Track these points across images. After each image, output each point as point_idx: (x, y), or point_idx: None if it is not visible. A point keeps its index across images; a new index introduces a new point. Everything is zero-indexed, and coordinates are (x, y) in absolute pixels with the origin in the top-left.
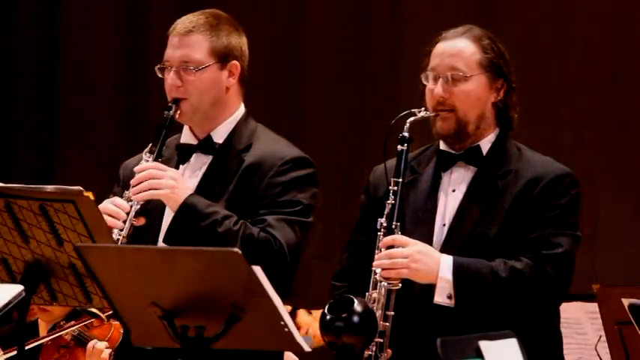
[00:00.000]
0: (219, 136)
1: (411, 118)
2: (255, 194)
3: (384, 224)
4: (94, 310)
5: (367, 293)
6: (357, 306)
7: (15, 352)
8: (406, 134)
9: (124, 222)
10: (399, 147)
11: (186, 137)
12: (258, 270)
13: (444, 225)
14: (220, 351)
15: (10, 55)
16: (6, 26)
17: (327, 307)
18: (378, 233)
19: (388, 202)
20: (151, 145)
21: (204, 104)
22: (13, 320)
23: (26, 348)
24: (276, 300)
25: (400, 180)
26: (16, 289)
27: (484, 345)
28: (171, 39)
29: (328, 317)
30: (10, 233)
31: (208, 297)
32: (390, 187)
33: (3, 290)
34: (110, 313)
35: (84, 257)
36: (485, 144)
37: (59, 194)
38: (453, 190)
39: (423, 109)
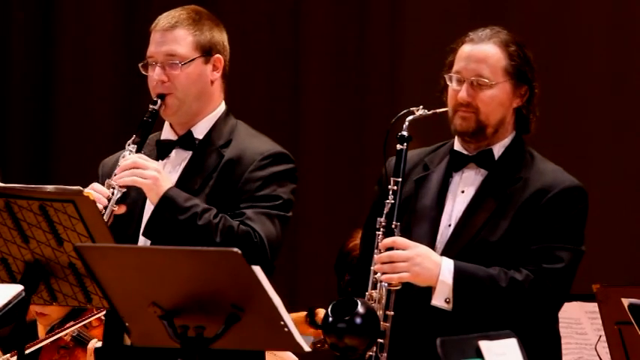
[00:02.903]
0: (200, 131)
1: (410, 117)
2: (235, 189)
3: (384, 223)
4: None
5: (367, 293)
6: (360, 308)
7: (15, 357)
8: (405, 133)
9: (105, 208)
10: (398, 146)
11: (167, 134)
12: (258, 270)
13: (450, 225)
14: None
15: (6, 53)
16: (1, 24)
17: (330, 308)
18: (377, 232)
19: (387, 201)
20: (134, 136)
21: (190, 97)
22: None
23: (26, 352)
24: (276, 300)
25: (400, 179)
26: (16, 289)
27: (484, 345)
28: (154, 35)
29: (331, 319)
30: (10, 233)
31: (208, 297)
32: (390, 187)
33: (3, 290)
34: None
35: (84, 257)
36: (499, 148)
37: (59, 194)
38: (462, 191)
39: (421, 107)
